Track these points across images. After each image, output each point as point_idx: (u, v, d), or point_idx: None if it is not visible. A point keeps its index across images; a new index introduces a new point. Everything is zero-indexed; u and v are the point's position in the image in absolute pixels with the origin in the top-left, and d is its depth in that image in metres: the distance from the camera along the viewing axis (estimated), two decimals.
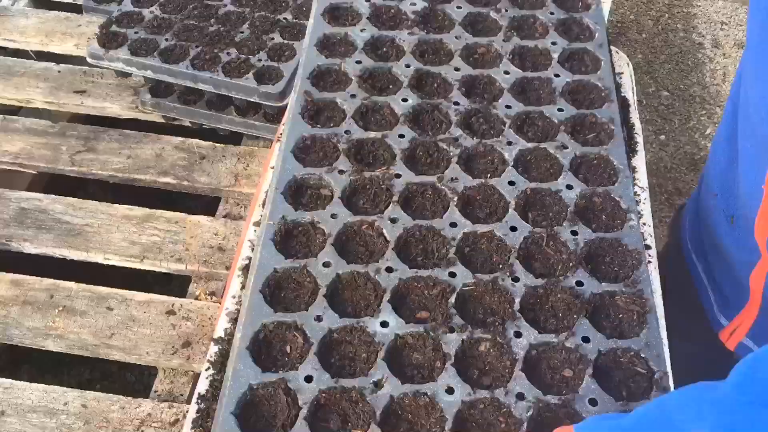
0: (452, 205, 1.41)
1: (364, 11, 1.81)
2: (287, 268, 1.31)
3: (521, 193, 1.44)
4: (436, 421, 1.14)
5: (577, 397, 1.17)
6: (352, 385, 1.16)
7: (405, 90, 1.63)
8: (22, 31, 2.83)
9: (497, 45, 1.74)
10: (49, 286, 2.12)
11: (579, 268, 1.33)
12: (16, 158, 2.45)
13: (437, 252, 1.35)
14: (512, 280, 1.30)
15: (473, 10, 1.82)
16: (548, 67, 1.71)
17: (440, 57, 1.73)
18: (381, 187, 1.44)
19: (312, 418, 1.13)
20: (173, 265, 2.18)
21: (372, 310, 1.26)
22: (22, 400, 1.88)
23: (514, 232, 1.38)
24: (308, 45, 1.72)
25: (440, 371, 1.19)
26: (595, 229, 1.40)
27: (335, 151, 1.51)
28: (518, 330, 1.24)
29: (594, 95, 1.66)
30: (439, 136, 1.54)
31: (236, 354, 1.20)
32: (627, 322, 1.29)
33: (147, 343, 1.99)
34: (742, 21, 4.46)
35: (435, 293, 1.29)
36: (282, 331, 1.24)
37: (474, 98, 1.63)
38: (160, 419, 1.86)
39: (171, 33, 2.42)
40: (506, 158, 1.50)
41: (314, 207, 1.42)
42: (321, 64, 1.68)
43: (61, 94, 2.63)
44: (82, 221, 2.26)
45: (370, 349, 1.22)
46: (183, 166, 2.43)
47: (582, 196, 1.45)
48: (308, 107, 1.58)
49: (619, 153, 1.53)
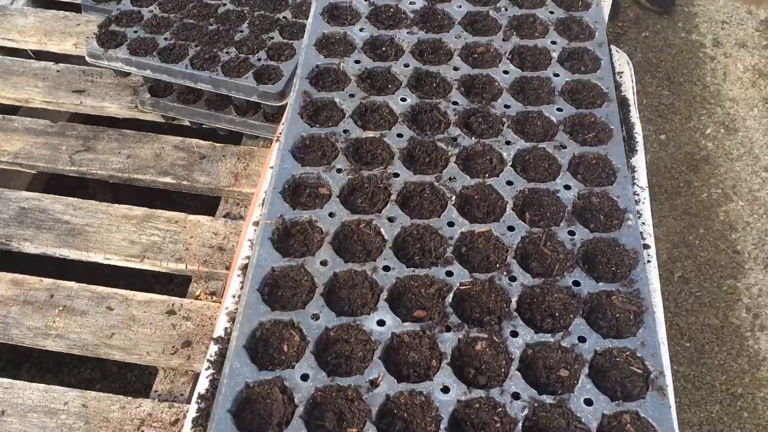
0: (450, 205, 1.41)
1: (363, 10, 1.81)
2: (285, 267, 1.31)
3: (519, 192, 1.44)
4: (431, 420, 1.14)
5: (573, 396, 1.17)
6: (348, 384, 1.16)
7: (404, 89, 1.63)
8: (21, 30, 2.83)
9: (497, 44, 1.74)
10: (49, 286, 2.12)
11: (576, 267, 1.33)
12: (16, 158, 2.45)
13: (435, 251, 1.35)
14: (509, 279, 1.30)
15: (473, 9, 1.82)
16: (548, 66, 1.71)
17: (439, 56, 1.73)
18: (379, 186, 1.44)
19: (308, 416, 1.13)
20: (173, 264, 2.18)
21: (369, 309, 1.26)
22: (22, 399, 1.88)
23: (511, 231, 1.38)
24: (307, 44, 1.72)
25: (436, 370, 1.19)
26: (593, 229, 1.40)
27: (334, 150, 1.51)
28: (515, 329, 1.24)
29: (593, 95, 1.66)
30: (437, 136, 1.54)
31: (233, 352, 1.20)
32: (623, 321, 1.29)
33: (147, 343, 1.99)
34: (742, 20, 4.46)
35: (432, 292, 1.29)
36: (279, 330, 1.24)
37: (473, 98, 1.63)
38: (160, 419, 1.86)
39: (170, 32, 2.42)
40: (505, 158, 1.50)
41: (312, 206, 1.42)
42: (320, 63, 1.68)
43: (60, 93, 2.63)
44: (82, 221, 2.26)
45: (367, 348, 1.22)
46: (183, 166, 2.43)
47: (580, 196, 1.45)
48: (307, 107, 1.58)
49: (617, 153, 1.53)
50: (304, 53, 1.70)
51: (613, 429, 1.15)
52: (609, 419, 1.15)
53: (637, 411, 1.16)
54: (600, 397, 1.17)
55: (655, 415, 1.15)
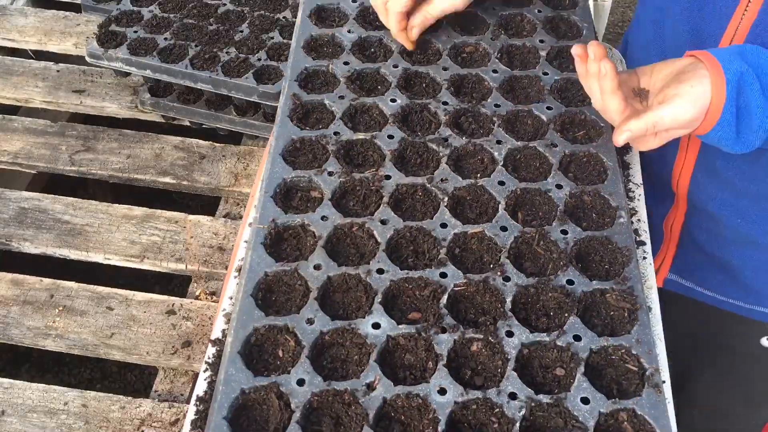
0: (443, 206, 1.41)
1: (351, 12, 1.81)
2: (278, 272, 1.31)
3: (511, 193, 1.44)
4: (429, 422, 1.14)
5: (569, 395, 1.17)
6: (344, 388, 1.16)
7: (393, 90, 1.62)
8: (21, 30, 2.84)
9: (485, 43, 1.74)
10: (49, 286, 2.13)
11: (570, 266, 1.33)
12: (16, 158, 2.46)
13: (428, 253, 1.35)
14: (503, 279, 1.30)
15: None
16: (536, 65, 1.71)
17: (428, 56, 1.73)
18: (371, 188, 1.44)
19: (305, 421, 1.13)
20: (173, 265, 2.19)
21: (363, 312, 1.26)
22: (22, 399, 1.90)
23: (504, 231, 1.38)
24: (295, 47, 1.72)
25: (432, 372, 1.19)
26: (585, 227, 1.40)
27: (324, 152, 1.50)
28: (510, 329, 1.24)
29: (583, 92, 1.66)
30: (428, 137, 1.54)
31: (228, 358, 1.20)
32: (618, 319, 1.29)
33: (147, 343, 2.01)
34: None
35: (426, 294, 1.29)
36: (273, 335, 1.24)
37: (463, 97, 1.63)
38: (160, 419, 1.87)
39: (170, 32, 2.43)
40: (496, 157, 1.50)
41: (304, 209, 1.42)
42: (309, 66, 1.67)
43: (60, 93, 2.64)
44: (82, 221, 2.27)
45: (362, 351, 1.21)
46: (182, 166, 2.44)
47: (572, 194, 1.45)
48: (297, 109, 1.58)
49: (608, 150, 1.53)
50: (292, 56, 1.70)
51: (610, 427, 1.15)
52: (606, 417, 1.15)
53: (634, 408, 1.16)
54: (596, 396, 1.17)
55: (652, 412, 1.15)
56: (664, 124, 1.31)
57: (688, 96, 1.28)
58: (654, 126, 1.31)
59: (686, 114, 1.29)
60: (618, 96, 1.35)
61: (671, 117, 1.29)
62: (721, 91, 1.27)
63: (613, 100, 1.36)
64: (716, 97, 1.27)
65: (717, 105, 1.28)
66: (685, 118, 1.30)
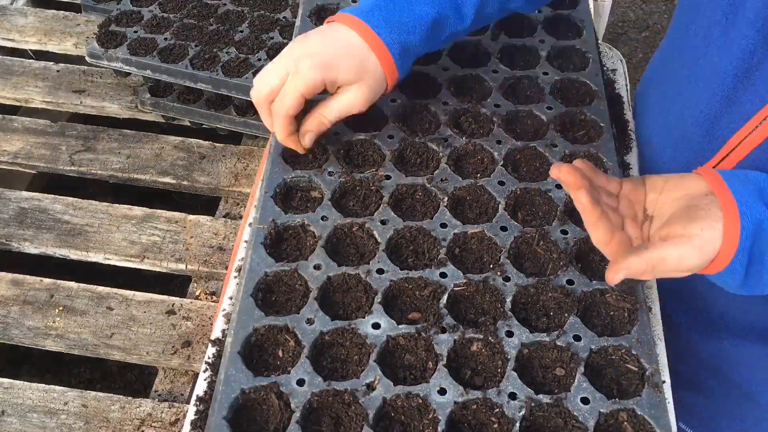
0: (442, 206, 1.41)
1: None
2: (278, 272, 1.31)
3: (511, 192, 1.44)
4: (429, 422, 1.14)
5: (569, 395, 1.17)
6: (344, 388, 1.16)
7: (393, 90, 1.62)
8: (21, 30, 2.84)
9: (485, 44, 1.74)
10: (49, 286, 2.13)
11: (570, 266, 1.33)
12: (16, 158, 2.46)
13: (428, 253, 1.35)
14: (503, 279, 1.30)
15: None
16: (536, 65, 1.71)
17: (428, 56, 1.72)
18: (371, 188, 1.44)
19: (305, 421, 1.13)
20: (173, 264, 2.19)
21: (363, 312, 1.26)
22: (22, 399, 1.90)
23: (504, 231, 1.38)
24: None
25: (432, 372, 1.19)
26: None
27: (324, 153, 1.50)
28: (510, 329, 1.24)
29: (583, 92, 1.66)
30: (428, 137, 1.54)
31: (228, 358, 1.20)
32: (618, 319, 1.29)
33: (147, 343, 2.01)
34: None
35: (426, 294, 1.29)
36: (273, 335, 1.24)
37: (462, 97, 1.63)
38: (160, 419, 1.87)
39: (170, 32, 2.43)
40: (496, 157, 1.50)
41: (304, 210, 1.42)
42: None
43: (60, 93, 2.64)
44: (82, 221, 2.27)
45: (362, 351, 1.21)
46: (183, 166, 2.44)
47: None
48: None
49: (608, 150, 1.53)
50: None
51: (610, 427, 1.15)
52: (606, 417, 1.15)
53: (634, 409, 1.16)
54: (596, 396, 1.17)
55: (652, 412, 1.15)
56: (665, 267, 1.16)
57: (697, 240, 1.14)
58: (653, 268, 1.16)
59: (691, 261, 1.15)
60: (600, 228, 1.22)
61: (675, 262, 1.15)
62: (734, 239, 1.13)
63: (595, 233, 1.23)
64: (727, 246, 1.14)
65: (726, 254, 1.14)
66: (688, 266, 1.16)
